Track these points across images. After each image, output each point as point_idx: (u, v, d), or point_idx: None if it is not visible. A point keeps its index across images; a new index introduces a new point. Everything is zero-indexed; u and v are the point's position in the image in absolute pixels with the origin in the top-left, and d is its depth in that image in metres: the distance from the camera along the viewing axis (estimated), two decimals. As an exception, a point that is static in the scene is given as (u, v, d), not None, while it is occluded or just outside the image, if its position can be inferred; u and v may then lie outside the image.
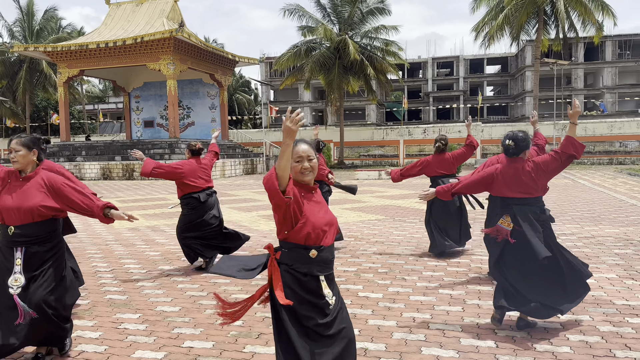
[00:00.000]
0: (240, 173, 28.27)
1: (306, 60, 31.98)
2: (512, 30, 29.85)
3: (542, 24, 28.59)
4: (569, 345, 3.96)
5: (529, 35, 31.51)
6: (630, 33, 54.00)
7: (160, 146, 29.47)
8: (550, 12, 29.33)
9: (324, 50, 31.62)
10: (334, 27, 32.51)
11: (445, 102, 61.45)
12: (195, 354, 4.00)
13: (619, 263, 6.42)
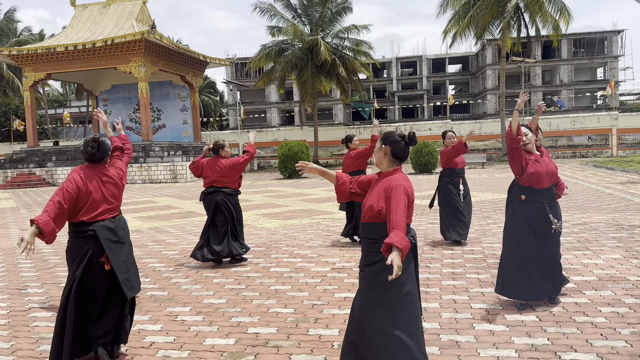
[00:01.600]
0: (217, 175, 28.19)
1: (278, 61, 32.15)
2: (476, 30, 30.82)
3: (507, 23, 29.64)
4: (603, 316, 4.39)
5: (492, 34, 32.56)
6: (584, 32, 56.35)
7: (134, 149, 29.07)
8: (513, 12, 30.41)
9: (296, 51, 31.86)
10: (305, 27, 32.79)
11: (410, 101, 62.62)
12: (264, 339, 4.24)
13: (619, 245, 6.98)
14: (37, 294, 5.93)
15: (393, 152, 3.22)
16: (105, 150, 3.89)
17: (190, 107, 35.04)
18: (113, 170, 3.99)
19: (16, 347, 4.28)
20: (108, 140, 3.95)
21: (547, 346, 3.84)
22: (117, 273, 3.85)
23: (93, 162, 3.91)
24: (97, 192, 3.85)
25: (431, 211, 10.57)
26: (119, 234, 3.94)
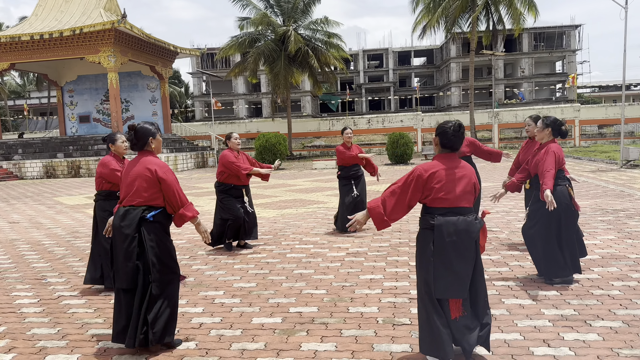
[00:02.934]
0: (192, 167, 27.99)
1: (250, 52, 32.06)
2: (446, 23, 31.51)
3: (476, 17, 30.40)
4: (617, 289, 4.80)
5: (460, 28, 33.32)
6: (544, 26, 58.09)
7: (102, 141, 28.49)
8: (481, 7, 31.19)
9: (269, 42, 31.83)
10: (278, 18, 32.77)
11: (377, 94, 63.33)
12: (309, 317, 4.44)
13: (610, 227, 7.49)
14: (58, 282, 5.95)
15: (441, 142, 3.50)
16: (144, 137, 3.97)
17: (160, 98, 34.50)
18: (154, 161, 3.92)
19: (64, 332, 4.35)
20: (147, 125, 4.00)
21: (576, 316, 4.20)
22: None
23: (135, 149, 4.01)
24: (125, 178, 3.97)
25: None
26: (117, 222, 3.89)
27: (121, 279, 3.79)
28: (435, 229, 3.34)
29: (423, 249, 3.44)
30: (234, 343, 3.98)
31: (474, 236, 3.39)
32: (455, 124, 3.51)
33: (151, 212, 3.82)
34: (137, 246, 3.77)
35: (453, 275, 3.32)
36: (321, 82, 35.63)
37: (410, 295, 4.92)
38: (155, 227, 3.84)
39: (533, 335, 3.85)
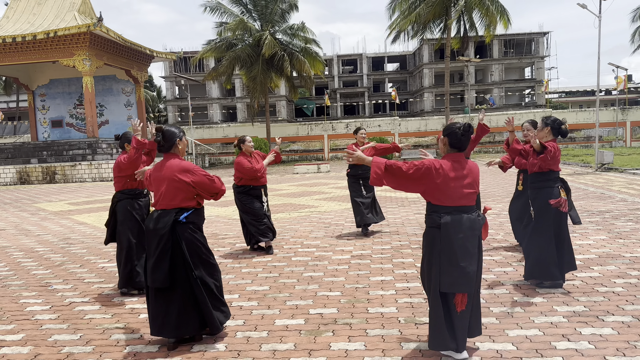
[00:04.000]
0: (169, 172, 27.65)
1: (227, 55, 31.97)
2: (420, 29, 32.03)
3: (451, 23, 31.00)
4: (619, 286, 5.05)
5: (433, 34, 33.87)
6: (514, 33, 59.52)
7: (79, 147, 28.04)
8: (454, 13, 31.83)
9: (246, 46, 31.80)
10: (255, 23, 32.78)
11: (351, 99, 63.75)
12: (330, 318, 4.54)
13: (600, 228, 7.81)
14: (66, 289, 5.90)
15: (450, 142, 3.68)
16: (171, 139, 4.04)
17: (135, 102, 34.09)
18: (183, 164, 4.02)
19: (87, 338, 4.34)
20: (173, 129, 4.09)
21: (587, 312, 4.41)
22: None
23: (162, 152, 4.08)
24: (155, 181, 4.07)
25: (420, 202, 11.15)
26: (151, 225, 4.01)
27: (155, 279, 3.88)
28: (442, 227, 3.50)
29: (431, 247, 3.60)
30: (263, 344, 4.05)
31: (478, 233, 3.59)
32: (465, 125, 3.68)
33: (183, 213, 3.91)
34: (171, 247, 3.86)
35: (459, 270, 3.47)
36: (298, 87, 35.75)
37: (424, 295, 5.06)
38: (189, 227, 3.97)
39: (552, 331, 4.04)
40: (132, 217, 5.48)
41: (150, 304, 4.00)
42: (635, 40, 30.40)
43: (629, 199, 10.66)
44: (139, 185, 5.55)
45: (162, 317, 3.94)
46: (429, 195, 3.63)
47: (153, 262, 3.89)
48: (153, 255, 3.90)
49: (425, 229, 3.71)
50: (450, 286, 3.47)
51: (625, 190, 12.31)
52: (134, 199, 5.52)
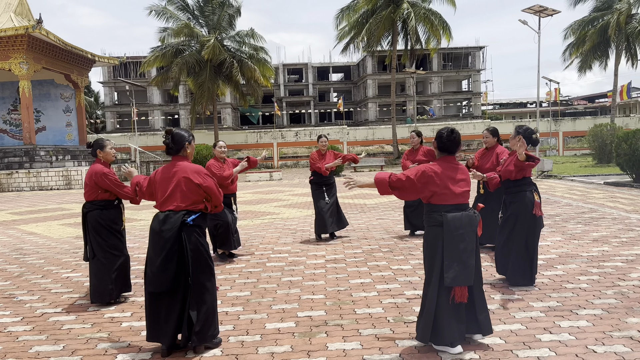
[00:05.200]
0: (114, 180, 26.71)
1: (175, 62, 31.42)
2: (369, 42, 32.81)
3: (397, 37, 31.95)
4: (584, 283, 5.42)
5: (382, 46, 34.80)
6: (452, 47, 61.91)
7: (15, 154, 26.62)
8: (401, 27, 32.84)
9: (194, 53, 31.37)
10: (203, 29, 32.43)
11: (297, 107, 64.03)
12: (320, 320, 4.61)
13: (554, 230, 8.29)
14: (33, 300, 5.64)
15: (438, 146, 3.95)
16: (180, 142, 4.02)
17: (75, 108, 32.71)
18: (191, 167, 4.01)
19: (71, 348, 4.18)
20: (182, 132, 4.06)
21: (560, 307, 4.71)
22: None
23: (170, 154, 4.04)
24: (162, 182, 4.00)
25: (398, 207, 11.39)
26: (156, 227, 3.92)
27: (160, 282, 3.80)
28: (444, 224, 3.73)
29: (433, 244, 3.81)
30: (259, 347, 4.06)
31: (475, 229, 3.83)
32: (448, 130, 3.95)
33: (191, 216, 3.87)
34: (177, 250, 3.80)
35: (461, 264, 3.70)
36: (246, 94, 35.60)
37: (405, 295, 5.23)
38: (195, 230, 3.93)
39: (533, 325, 4.29)
40: (102, 229, 5.23)
41: (149, 308, 3.91)
42: (566, 57, 32.41)
43: (573, 204, 11.37)
44: (110, 196, 5.32)
45: (161, 323, 3.86)
46: (430, 197, 3.82)
47: (159, 264, 3.80)
48: (158, 258, 3.81)
49: (425, 229, 3.88)
50: (454, 280, 3.66)
51: (568, 195, 13.12)
52: (103, 209, 5.26)
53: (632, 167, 14.39)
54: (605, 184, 15.29)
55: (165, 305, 3.87)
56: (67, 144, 32.10)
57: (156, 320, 3.88)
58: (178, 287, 3.86)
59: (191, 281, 3.87)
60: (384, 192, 3.92)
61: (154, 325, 3.90)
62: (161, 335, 3.89)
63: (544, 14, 16.71)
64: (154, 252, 3.86)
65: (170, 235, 3.81)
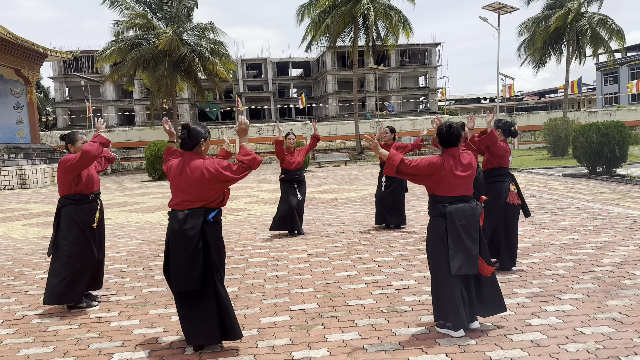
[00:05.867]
0: (70, 178, 25.83)
1: (130, 56, 30.61)
2: (330, 38, 32.92)
3: (357, 33, 32.17)
4: (561, 269, 5.66)
5: (343, 42, 34.96)
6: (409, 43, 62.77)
7: (-39, 153, 25.30)
8: (361, 23, 33.07)
9: (151, 47, 30.65)
10: (161, 23, 31.73)
11: (257, 103, 63.57)
12: (315, 312, 4.65)
13: (522, 220, 8.56)
14: (9, 302, 5.44)
15: (439, 141, 4.11)
16: (195, 137, 3.95)
17: (27, 104, 31.37)
18: (207, 162, 3.86)
19: (62, 350, 4.07)
20: (199, 127, 3.98)
21: (543, 292, 4.91)
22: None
23: (184, 149, 3.96)
24: (177, 181, 3.92)
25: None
26: (176, 226, 3.84)
27: (188, 281, 3.76)
28: (447, 215, 3.90)
29: (437, 234, 3.97)
30: (258, 341, 4.06)
31: (477, 219, 4.00)
32: (446, 125, 4.12)
33: (210, 213, 3.82)
34: (202, 248, 3.76)
35: (465, 253, 3.87)
36: (206, 89, 35.04)
37: (394, 286, 5.33)
38: (215, 227, 3.89)
39: (521, 310, 4.46)
40: (74, 225, 4.99)
41: (183, 310, 3.88)
42: (521, 53, 33.47)
43: (537, 195, 11.80)
44: (84, 189, 5.13)
45: (193, 323, 3.84)
46: (434, 188, 3.94)
47: (185, 264, 3.74)
48: (183, 257, 3.75)
49: (430, 219, 3.99)
50: (459, 269, 3.81)
51: (530, 187, 13.60)
52: (77, 204, 5.05)
53: (589, 160, 15.06)
54: (563, 176, 15.94)
55: (193, 304, 3.83)
56: (18, 141, 30.78)
57: (187, 320, 3.85)
58: (207, 284, 3.82)
59: (221, 277, 3.89)
60: (389, 173, 4.03)
61: (193, 327, 3.85)
62: (195, 335, 3.86)
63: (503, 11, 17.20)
64: (176, 252, 3.79)
65: (194, 233, 3.75)
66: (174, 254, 3.82)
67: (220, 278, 3.94)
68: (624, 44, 32.20)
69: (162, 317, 4.75)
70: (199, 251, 3.76)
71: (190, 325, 3.85)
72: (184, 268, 3.76)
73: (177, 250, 3.81)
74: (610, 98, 63.78)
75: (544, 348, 3.68)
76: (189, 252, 3.75)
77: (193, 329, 3.87)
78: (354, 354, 3.73)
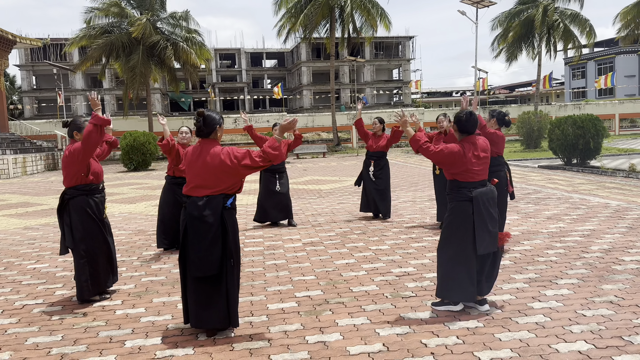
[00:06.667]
0: (42, 169, 25.25)
1: (100, 42, 29.91)
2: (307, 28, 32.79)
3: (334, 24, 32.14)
4: (553, 256, 5.86)
5: (319, 33, 34.84)
6: (383, 36, 63.10)
7: None
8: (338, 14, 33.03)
9: (124, 34, 30.02)
10: (135, 10, 31.09)
11: (230, 94, 62.98)
12: (320, 299, 4.71)
13: (508, 210, 8.80)
14: (6, 293, 5.34)
15: (459, 128, 4.20)
16: (211, 124, 3.94)
17: (-6, 92, 30.46)
18: (225, 149, 3.88)
19: (72, 338, 4.03)
20: (214, 114, 3.97)
21: (540, 278, 5.08)
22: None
23: (201, 137, 3.95)
24: (194, 168, 3.92)
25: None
26: (195, 212, 3.85)
27: (208, 267, 3.80)
28: (474, 200, 4.10)
29: (462, 217, 4.15)
30: (270, 327, 4.11)
31: (495, 200, 4.27)
32: (467, 113, 4.29)
33: (229, 199, 3.85)
34: (221, 233, 3.80)
35: (489, 234, 4.12)
36: (181, 79, 34.53)
37: (394, 273, 5.44)
38: (232, 213, 3.94)
39: (522, 295, 4.62)
40: (87, 217, 4.85)
41: (194, 293, 3.90)
42: (495, 47, 34.01)
43: (517, 185, 12.09)
44: (94, 179, 5.05)
45: (209, 307, 3.87)
46: (457, 175, 4.11)
47: (205, 249, 3.78)
48: (202, 243, 3.78)
49: (454, 204, 4.15)
50: (486, 248, 4.07)
51: (509, 178, 13.91)
52: (88, 195, 4.90)
53: (564, 152, 15.49)
54: (539, 167, 16.37)
55: (209, 289, 3.87)
56: (-15, 130, 29.85)
57: (201, 305, 3.87)
58: (222, 270, 3.86)
59: (233, 263, 3.91)
60: (414, 150, 4.32)
61: (206, 312, 3.88)
62: (209, 320, 3.89)
63: (481, 5, 17.50)
64: (195, 238, 3.82)
65: (214, 220, 3.79)
66: (192, 240, 3.83)
67: (235, 263, 3.96)
68: (594, 39, 33.06)
69: (168, 305, 4.74)
70: (218, 237, 3.80)
71: (203, 309, 3.87)
72: (203, 254, 3.79)
73: (196, 236, 3.83)
74: (578, 92, 65.45)
75: (550, 330, 3.83)
76: (209, 238, 3.78)
77: (206, 314, 3.89)
78: (368, 338, 3.81)
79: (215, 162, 3.81)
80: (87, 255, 4.84)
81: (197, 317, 3.89)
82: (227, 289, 3.91)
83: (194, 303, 3.89)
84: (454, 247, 4.18)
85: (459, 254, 4.14)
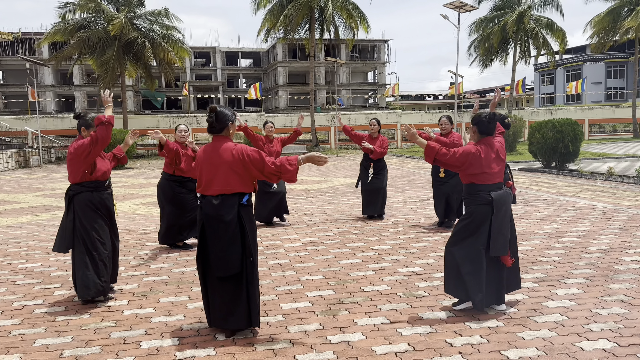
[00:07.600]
0: (13, 167, 24.44)
1: (75, 37, 29.19)
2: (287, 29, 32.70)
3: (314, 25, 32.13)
4: (555, 256, 5.94)
5: (299, 34, 34.77)
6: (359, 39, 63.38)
7: None
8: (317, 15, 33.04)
9: (100, 30, 29.35)
10: (111, 6, 30.44)
11: (205, 92, 62.28)
12: (333, 299, 4.66)
13: (500, 211, 8.93)
14: (2, 293, 5.12)
15: (480, 130, 4.20)
16: (223, 121, 3.85)
17: (-39, 87, 29.41)
18: (238, 146, 3.78)
19: (82, 339, 3.89)
20: (226, 110, 3.88)
21: (547, 277, 5.14)
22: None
23: (213, 133, 3.85)
24: (207, 166, 3.83)
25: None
26: (210, 211, 3.78)
27: (229, 266, 3.69)
28: (494, 202, 4.07)
29: (480, 220, 4.13)
30: (289, 327, 4.03)
31: (510, 202, 4.29)
32: (490, 114, 4.31)
33: (244, 196, 3.75)
34: (240, 231, 3.68)
35: (503, 237, 4.12)
36: (156, 76, 33.97)
37: (402, 273, 5.42)
38: (248, 210, 3.84)
39: (534, 294, 4.66)
40: (92, 213, 4.70)
41: (216, 293, 3.80)
42: (471, 52, 34.57)
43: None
44: (100, 176, 4.86)
45: (234, 307, 3.77)
46: (474, 177, 4.07)
47: (225, 249, 3.68)
48: (220, 242, 3.69)
49: (472, 207, 4.10)
50: (498, 251, 4.05)
51: (493, 181, 14.12)
52: (94, 191, 4.75)
53: (544, 155, 15.82)
54: (519, 170, 16.67)
55: (232, 288, 3.77)
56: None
57: (227, 305, 3.78)
58: (243, 268, 3.77)
59: (253, 261, 3.80)
60: (429, 161, 4.24)
61: (228, 312, 3.78)
62: (235, 320, 3.80)
63: (463, 9, 17.76)
64: (214, 237, 3.72)
65: (231, 218, 3.70)
66: (211, 239, 3.74)
67: (253, 262, 3.87)
68: (565, 46, 33.92)
69: (177, 305, 4.62)
70: (236, 235, 3.73)
71: (230, 309, 3.77)
72: (223, 253, 3.71)
73: (214, 236, 3.74)
74: (547, 98, 67.04)
75: (569, 328, 3.86)
76: (228, 236, 3.71)
77: (227, 313, 3.80)
78: (391, 338, 3.78)
79: (227, 159, 3.74)
80: (90, 251, 4.67)
81: (224, 318, 3.79)
82: (248, 288, 3.82)
83: (220, 304, 3.79)
84: (466, 248, 4.16)
85: (473, 255, 4.12)
